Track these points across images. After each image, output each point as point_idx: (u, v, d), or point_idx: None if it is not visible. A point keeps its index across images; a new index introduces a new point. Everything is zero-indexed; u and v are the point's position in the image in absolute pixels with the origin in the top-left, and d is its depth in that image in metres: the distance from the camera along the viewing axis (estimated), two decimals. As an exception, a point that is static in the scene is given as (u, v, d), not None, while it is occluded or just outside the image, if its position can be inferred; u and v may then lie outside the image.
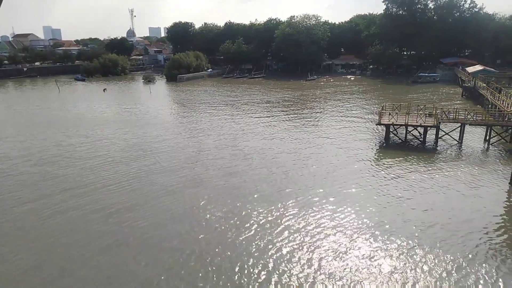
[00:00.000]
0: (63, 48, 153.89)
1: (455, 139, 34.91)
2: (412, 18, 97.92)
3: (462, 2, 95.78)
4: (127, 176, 26.67)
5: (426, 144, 34.09)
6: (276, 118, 47.55)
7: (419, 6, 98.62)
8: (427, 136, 34.61)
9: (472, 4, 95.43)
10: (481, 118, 34.54)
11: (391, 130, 35.65)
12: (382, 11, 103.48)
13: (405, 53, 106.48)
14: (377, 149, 33.23)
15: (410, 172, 27.01)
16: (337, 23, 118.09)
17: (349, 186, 24.58)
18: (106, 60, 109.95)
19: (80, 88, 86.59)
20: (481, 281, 14.97)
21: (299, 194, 23.29)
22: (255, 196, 23.02)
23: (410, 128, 35.60)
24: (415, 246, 17.37)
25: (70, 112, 54.45)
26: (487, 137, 34.68)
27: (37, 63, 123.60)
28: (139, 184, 25.17)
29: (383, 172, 27.24)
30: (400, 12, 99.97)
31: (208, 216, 20.56)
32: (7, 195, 23.76)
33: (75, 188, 24.59)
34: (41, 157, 31.68)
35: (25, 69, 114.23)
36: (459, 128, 34.92)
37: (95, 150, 33.50)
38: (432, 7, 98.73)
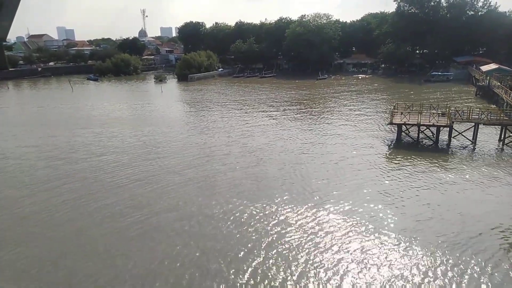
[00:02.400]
0: (76, 48, 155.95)
1: (469, 139, 34.44)
2: (424, 16, 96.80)
3: (475, 1, 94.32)
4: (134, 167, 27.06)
5: (439, 144, 33.72)
6: (287, 116, 47.53)
7: (432, 3, 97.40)
8: (440, 136, 34.25)
9: (485, 2, 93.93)
10: (495, 117, 34.03)
11: (403, 129, 35.38)
12: (394, 10, 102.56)
13: (417, 51, 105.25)
14: (388, 149, 33.01)
15: (421, 172, 26.77)
16: (348, 21, 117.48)
17: (359, 184, 24.49)
18: (118, 60, 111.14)
19: (92, 87, 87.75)
20: (475, 276, 14.83)
21: (308, 189, 23.30)
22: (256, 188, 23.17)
23: (422, 128, 35.27)
24: (414, 244, 17.27)
25: (84, 110, 55.24)
26: (502, 137, 34.15)
27: (51, 63, 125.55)
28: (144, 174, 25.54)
29: (394, 171, 27.06)
30: (412, 10, 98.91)
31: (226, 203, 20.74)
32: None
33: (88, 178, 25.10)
34: (58, 153, 32.31)
35: (39, 69, 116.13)
36: (472, 128, 34.46)
37: (108, 146, 33.99)
38: (445, 5, 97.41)
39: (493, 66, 71.25)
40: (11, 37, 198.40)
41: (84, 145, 35.86)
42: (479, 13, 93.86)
